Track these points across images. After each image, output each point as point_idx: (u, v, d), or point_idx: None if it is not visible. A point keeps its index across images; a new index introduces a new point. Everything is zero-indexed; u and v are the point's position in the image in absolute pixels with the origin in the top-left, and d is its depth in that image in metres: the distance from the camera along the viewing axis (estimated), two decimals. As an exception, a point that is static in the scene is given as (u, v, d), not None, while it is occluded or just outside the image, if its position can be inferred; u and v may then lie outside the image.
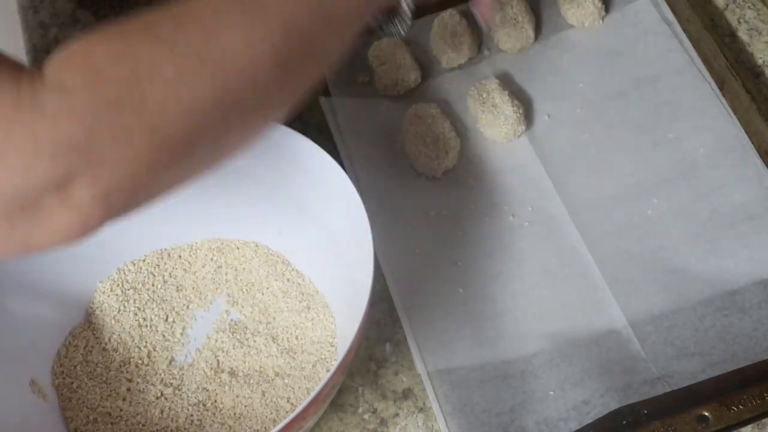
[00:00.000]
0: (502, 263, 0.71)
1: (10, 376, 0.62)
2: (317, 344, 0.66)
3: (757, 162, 0.72)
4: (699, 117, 0.75)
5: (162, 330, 0.68)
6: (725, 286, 0.67)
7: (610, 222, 0.72)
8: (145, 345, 0.67)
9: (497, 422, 0.63)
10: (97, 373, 0.66)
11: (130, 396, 0.65)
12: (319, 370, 0.64)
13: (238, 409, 0.64)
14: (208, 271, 0.70)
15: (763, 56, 0.79)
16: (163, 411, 0.64)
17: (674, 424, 0.61)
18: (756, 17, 0.81)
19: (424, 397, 0.66)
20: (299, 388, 0.64)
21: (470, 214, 0.73)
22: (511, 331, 0.67)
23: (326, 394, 0.56)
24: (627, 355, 0.65)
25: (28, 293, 0.65)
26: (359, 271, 0.59)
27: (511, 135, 0.76)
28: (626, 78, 0.78)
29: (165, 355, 0.67)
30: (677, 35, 0.79)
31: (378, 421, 0.66)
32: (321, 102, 0.78)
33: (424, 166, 0.75)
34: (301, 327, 0.67)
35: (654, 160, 0.74)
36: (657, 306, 0.67)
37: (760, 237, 0.69)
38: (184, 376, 0.66)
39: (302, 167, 0.65)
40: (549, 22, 0.83)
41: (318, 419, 0.63)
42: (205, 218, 0.71)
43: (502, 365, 0.66)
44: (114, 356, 0.67)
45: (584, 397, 0.63)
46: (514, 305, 0.69)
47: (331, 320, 0.66)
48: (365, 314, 0.56)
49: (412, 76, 0.80)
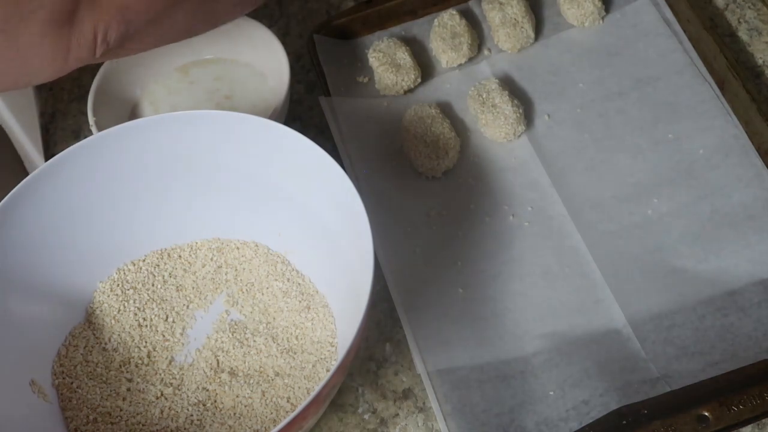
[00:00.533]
0: (502, 263, 0.71)
1: (10, 376, 0.62)
2: (317, 344, 0.66)
3: (758, 162, 0.72)
4: (699, 117, 0.75)
5: (162, 330, 0.68)
6: (725, 286, 0.67)
7: (610, 222, 0.72)
8: (145, 345, 0.67)
9: (497, 422, 0.63)
10: (97, 373, 0.66)
11: (130, 396, 0.65)
12: (319, 370, 0.64)
13: (238, 408, 0.64)
14: (208, 271, 0.70)
15: (763, 56, 0.79)
16: (163, 411, 0.64)
17: (674, 424, 0.61)
18: (756, 17, 0.81)
19: (424, 397, 0.67)
20: (299, 388, 0.64)
21: (470, 214, 0.73)
22: (511, 331, 0.67)
23: (326, 394, 0.56)
24: (627, 355, 0.65)
25: (28, 293, 0.65)
26: (359, 271, 0.59)
27: (511, 135, 0.76)
28: (626, 78, 0.78)
29: (165, 355, 0.67)
30: (677, 35, 0.79)
31: (378, 421, 0.66)
32: (321, 102, 0.78)
33: (424, 166, 0.75)
34: (301, 327, 0.67)
35: (654, 160, 0.74)
36: (657, 305, 0.67)
37: (761, 237, 0.69)
38: (184, 376, 0.66)
39: (302, 167, 0.65)
40: (549, 22, 0.83)
41: (318, 419, 0.63)
42: (205, 218, 0.71)
43: (501, 365, 0.66)
44: (114, 356, 0.67)
45: (584, 397, 0.63)
46: (514, 305, 0.69)
47: (331, 320, 0.66)
48: (365, 314, 0.56)
49: (412, 76, 0.80)
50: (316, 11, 0.89)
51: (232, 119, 0.65)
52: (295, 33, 0.88)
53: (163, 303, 0.69)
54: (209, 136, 0.65)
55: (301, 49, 0.85)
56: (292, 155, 0.65)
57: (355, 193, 0.60)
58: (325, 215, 0.66)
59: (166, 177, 0.68)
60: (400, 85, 0.80)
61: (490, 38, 0.83)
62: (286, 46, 0.77)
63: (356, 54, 0.83)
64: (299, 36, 0.87)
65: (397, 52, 0.80)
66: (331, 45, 0.82)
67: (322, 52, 0.81)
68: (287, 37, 0.87)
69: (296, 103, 0.83)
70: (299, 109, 0.83)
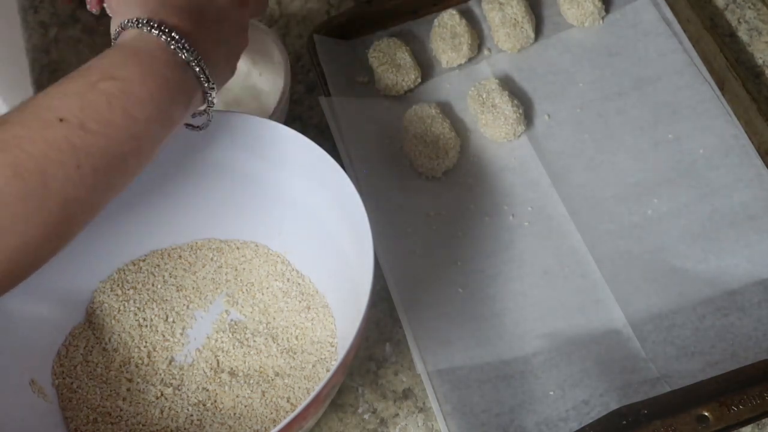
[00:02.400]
0: (502, 263, 0.71)
1: (10, 376, 0.62)
2: (317, 344, 0.66)
3: (757, 162, 0.72)
4: (699, 117, 0.75)
5: (162, 330, 0.68)
6: (725, 286, 0.67)
7: (610, 222, 0.72)
8: (145, 345, 0.67)
9: (497, 422, 0.63)
10: (97, 373, 0.66)
11: (130, 396, 0.65)
12: (319, 370, 0.64)
13: (238, 409, 0.64)
14: (208, 271, 0.70)
15: (763, 56, 0.79)
16: (163, 411, 0.64)
17: (674, 424, 0.61)
18: (756, 17, 0.81)
19: (424, 397, 0.67)
20: (299, 388, 0.64)
21: (470, 214, 0.73)
22: (511, 331, 0.67)
23: (326, 395, 0.56)
24: (627, 355, 0.65)
25: (28, 293, 0.65)
26: (359, 271, 0.59)
27: (510, 135, 0.76)
28: (626, 78, 0.78)
29: (165, 355, 0.67)
30: (677, 35, 0.79)
31: (378, 421, 0.66)
32: (321, 102, 0.78)
33: (424, 166, 0.75)
34: (301, 327, 0.67)
35: (654, 160, 0.74)
36: (657, 305, 0.67)
37: (760, 237, 0.69)
38: (184, 376, 0.66)
39: (302, 167, 0.65)
40: (549, 22, 0.83)
41: (318, 419, 0.63)
42: (205, 218, 0.71)
43: (501, 365, 0.66)
44: (114, 356, 0.67)
45: (584, 397, 0.63)
46: (514, 305, 0.69)
47: (331, 320, 0.66)
48: (365, 314, 0.56)
49: (412, 76, 0.80)
50: (316, 11, 0.89)
51: (233, 119, 0.65)
52: (295, 33, 0.88)
53: (164, 303, 0.69)
54: (209, 137, 0.65)
55: (301, 49, 0.85)
56: (293, 155, 0.65)
57: (356, 193, 0.60)
58: (325, 215, 0.66)
59: (166, 177, 0.68)
60: (400, 85, 0.80)
61: (490, 38, 0.83)
62: (286, 46, 0.77)
63: (356, 54, 0.83)
64: (299, 36, 0.87)
65: (397, 52, 0.80)
66: (331, 45, 0.82)
67: (322, 52, 0.81)
68: (287, 37, 0.87)
69: (296, 103, 0.83)
70: (299, 109, 0.83)
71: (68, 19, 0.90)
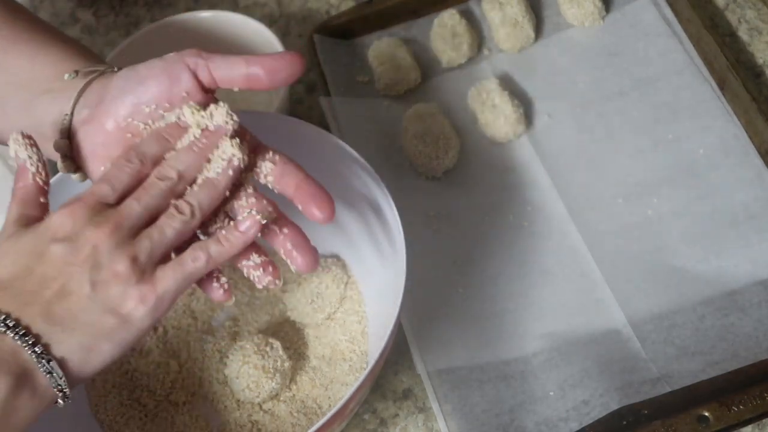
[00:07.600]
0: (502, 263, 0.71)
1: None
2: (348, 352, 0.66)
3: (758, 162, 0.72)
4: (699, 117, 0.75)
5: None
6: (725, 286, 0.67)
7: (610, 222, 0.72)
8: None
9: (497, 422, 0.63)
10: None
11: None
12: (349, 376, 0.64)
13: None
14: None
15: (763, 56, 0.79)
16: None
17: (674, 424, 0.61)
18: (756, 17, 0.81)
19: (424, 397, 0.66)
20: (329, 396, 0.64)
21: (470, 214, 0.73)
22: (511, 331, 0.67)
23: (356, 401, 0.56)
24: (627, 355, 0.65)
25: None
26: (389, 276, 0.60)
27: (511, 135, 0.76)
28: (626, 78, 0.78)
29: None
30: (677, 35, 0.79)
31: (378, 421, 0.66)
32: (321, 102, 0.78)
33: (424, 166, 0.75)
34: (333, 333, 0.67)
35: (654, 160, 0.74)
36: (657, 305, 0.67)
37: (761, 237, 0.69)
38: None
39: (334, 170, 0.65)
40: (549, 22, 0.83)
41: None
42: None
43: (501, 365, 0.66)
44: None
45: (584, 397, 0.63)
46: (514, 305, 0.69)
47: (366, 324, 0.66)
48: (397, 319, 0.56)
49: (412, 76, 0.80)
50: (316, 11, 0.89)
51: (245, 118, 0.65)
52: (295, 33, 0.88)
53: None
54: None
55: (301, 49, 0.85)
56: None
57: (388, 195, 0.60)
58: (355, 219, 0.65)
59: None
60: (400, 85, 0.80)
61: (490, 38, 0.83)
62: (286, 46, 0.77)
63: (356, 54, 0.83)
64: (299, 36, 0.87)
65: (397, 52, 0.80)
66: (331, 45, 0.82)
67: (322, 52, 0.81)
68: (287, 37, 0.87)
69: (296, 103, 0.83)
70: (299, 109, 0.83)
71: (68, 19, 0.90)
